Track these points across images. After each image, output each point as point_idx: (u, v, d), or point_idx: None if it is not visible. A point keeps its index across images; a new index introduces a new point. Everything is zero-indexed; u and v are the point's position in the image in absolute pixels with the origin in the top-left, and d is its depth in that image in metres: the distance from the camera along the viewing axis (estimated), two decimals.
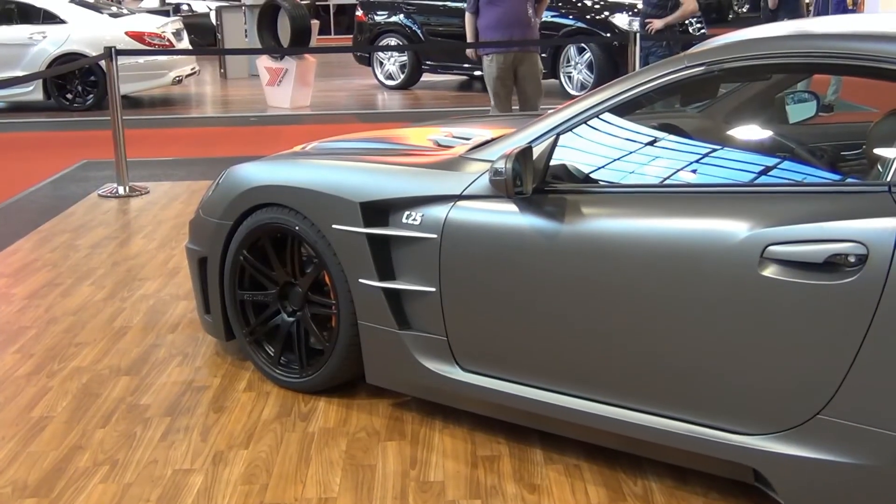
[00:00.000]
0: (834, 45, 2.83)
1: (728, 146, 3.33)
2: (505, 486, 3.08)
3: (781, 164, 3.11)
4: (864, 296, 2.46)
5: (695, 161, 3.22)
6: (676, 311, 2.80)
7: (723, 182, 3.02)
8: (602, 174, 3.16)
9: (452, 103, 12.99)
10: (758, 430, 2.71)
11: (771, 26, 3.51)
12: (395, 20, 14.26)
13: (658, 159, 3.25)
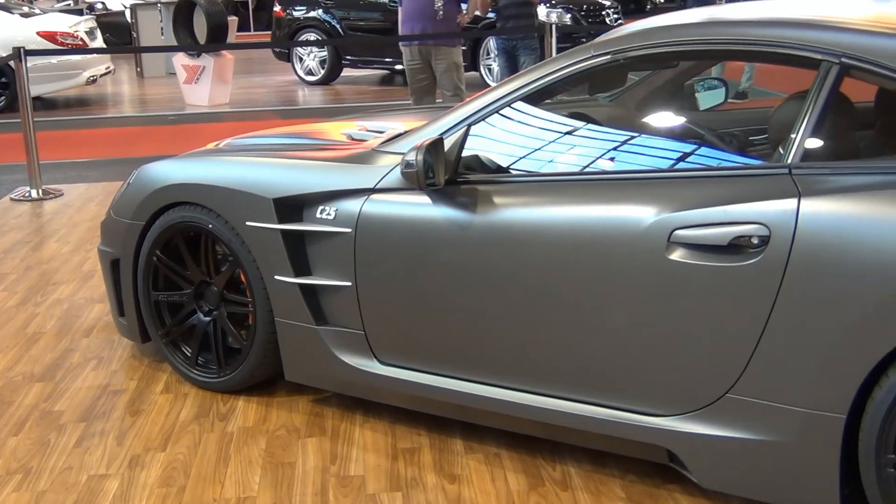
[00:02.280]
0: (734, 31, 2.90)
1: (638, 133, 3.37)
2: (425, 478, 3.09)
3: (689, 150, 3.16)
4: (768, 276, 2.53)
5: (605, 149, 3.26)
6: (589, 298, 2.84)
7: (631, 169, 3.07)
8: (514, 164, 3.19)
9: (374, 98, 12.96)
10: (670, 411, 2.76)
11: (677, 14, 3.57)
12: (314, 15, 14.16)
13: (569, 148, 3.29)
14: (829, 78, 2.63)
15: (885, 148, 3.00)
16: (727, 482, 2.75)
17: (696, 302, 2.65)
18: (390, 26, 12.71)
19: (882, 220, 2.40)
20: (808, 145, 2.62)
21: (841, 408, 2.47)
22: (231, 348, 3.69)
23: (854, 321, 2.42)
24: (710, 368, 2.67)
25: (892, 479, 2.45)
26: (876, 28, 2.73)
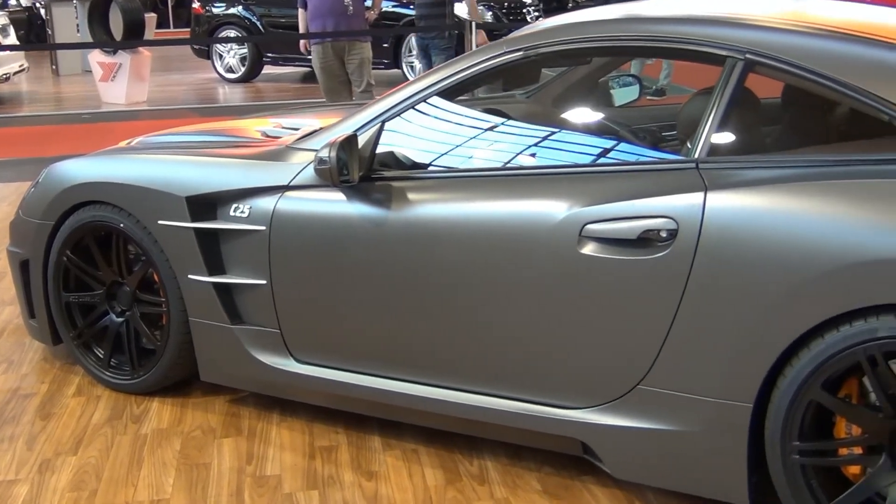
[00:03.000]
0: (643, 28, 2.94)
1: (552, 130, 3.39)
2: (343, 475, 3.08)
3: (602, 146, 3.20)
4: (676, 269, 2.57)
5: (519, 145, 3.28)
6: (502, 293, 2.85)
7: (544, 164, 3.09)
8: (429, 160, 3.19)
9: (295, 95, 12.85)
10: (583, 403, 2.80)
11: (591, 10, 3.60)
12: (234, 12, 14.01)
13: (484, 144, 3.30)
14: (735, 74, 2.69)
15: (790, 142, 3.07)
16: (640, 472, 2.79)
17: (607, 295, 2.68)
18: None
19: (785, 213, 2.45)
20: (715, 140, 2.67)
21: (747, 397, 2.53)
22: (145, 349, 3.63)
23: (759, 312, 2.47)
24: (621, 361, 2.71)
25: (798, 465, 2.51)
26: (780, 25, 2.79)
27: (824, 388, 2.45)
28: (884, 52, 2.59)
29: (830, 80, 2.57)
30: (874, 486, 2.48)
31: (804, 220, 2.42)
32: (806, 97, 2.86)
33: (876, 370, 2.39)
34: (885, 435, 2.45)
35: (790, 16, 2.95)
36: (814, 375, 2.43)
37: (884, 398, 2.42)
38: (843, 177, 2.47)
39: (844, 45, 2.63)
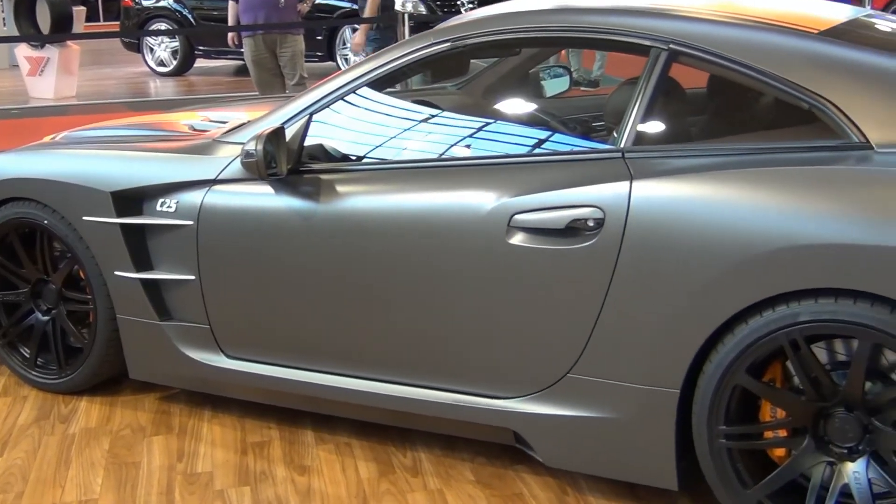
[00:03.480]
0: (569, 19, 2.95)
1: (481, 120, 3.40)
2: (275, 471, 3.06)
3: (531, 136, 3.21)
4: (603, 258, 2.59)
5: (449, 136, 3.28)
6: (433, 284, 2.85)
7: (474, 155, 3.09)
8: (359, 152, 3.18)
9: (228, 89, 12.70)
10: (514, 393, 2.81)
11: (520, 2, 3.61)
12: (164, 5, 13.78)
13: (414, 136, 3.30)
14: (659, 64, 2.71)
15: (714, 131, 3.10)
16: (571, 460, 2.81)
17: (535, 285, 2.69)
18: None
19: (709, 201, 2.48)
20: (640, 129, 2.69)
21: (674, 383, 2.56)
22: (72, 348, 3.57)
23: (685, 299, 2.50)
24: (551, 350, 2.72)
25: (724, 449, 2.55)
26: (704, 15, 2.83)
27: (749, 372, 2.49)
28: (802, 42, 2.63)
29: (752, 69, 2.61)
30: (799, 468, 2.53)
31: (727, 208, 2.45)
32: (729, 86, 2.90)
33: (798, 354, 2.43)
34: (809, 417, 2.50)
35: (712, 6, 2.98)
36: (738, 360, 2.47)
37: (806, 381, 2.46)
38: (765, 164, 2.51)
39: (765, 35, 2.67)
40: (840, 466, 2.50)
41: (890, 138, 2.43)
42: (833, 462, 2.51)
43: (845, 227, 2.31)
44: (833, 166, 2.43)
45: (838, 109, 2.49)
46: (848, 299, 2.33)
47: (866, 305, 2.31)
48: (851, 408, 2.46)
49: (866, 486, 2.46)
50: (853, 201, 2.33)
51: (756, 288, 2.41)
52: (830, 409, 2.48)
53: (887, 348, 2.37)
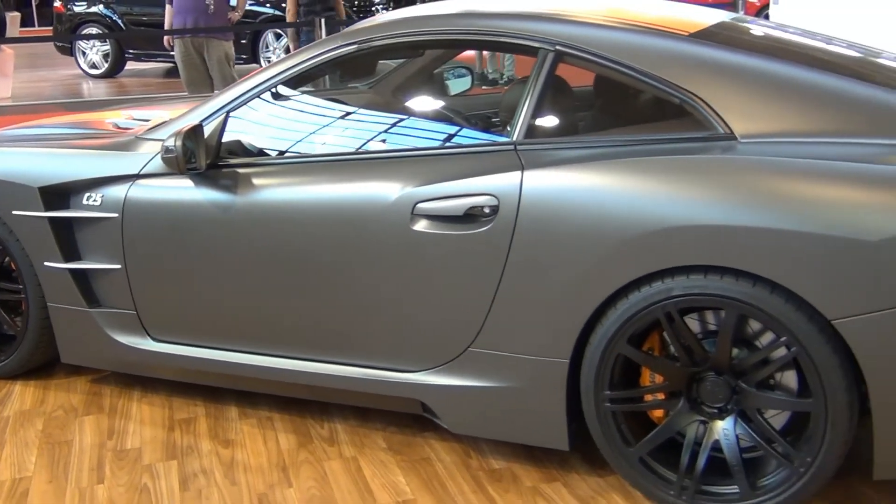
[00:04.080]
0: (465, 22, 2.93)
1: (388, 117, 3.38)
2: (201, 445, 3.02)
3: (434, 131, 3.21)
4: (498, 241, 2.60)
5: (358, 131, 3.26)
6: (345, 269, 2.83)
7: (381, 149, 3.07)
8: (275, 147, 3.13)
9: (158, 89, 12.42)
10: (420, 367, 2.81)
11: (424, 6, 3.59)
12: (95, 10, 13.42)
13: (326, 131, 3.27)
14: (546, 64, 2.73)
15: (598, 124, 3.14)
16: (473, 426, 2.82)
17: (438, 267, 2.69)
18: None
19: (593, 188, 2.50)
20: (530, 124, 2.70)
21: (564, 354, 2.58)
22: (5, 335, 3.46)
23: (571, 278, 2.52)
24: (453, 326, 2.72)
25: (609, 412, 2.59)
26: (587, 20, 2.84)
27: (630, 342, 2.53)
28: (673, 43, 2.66)
29: (630, 68, 2.64)
30: (675, 426, 2.59)
31: (609, 195, 2.47)
32: (610, 84, 2.94)
33: (673, 325, 2.48)
34: (683, 382, 2.55)
35: (597, 11, 3.00)
36: (620, 332, 2.50)
37: (680, 349, 2.51)
38: (642, 155, 2.53)
39: (641, 37, 2.70)
40: (711, 424, 2.56)
41: (751, 130, 2.49)
42: (705, 421, 2.57)
43: (713, 211, 2.35)
44: (701, 155, 2.46)
45: (706, 104, 2.54)
46: (716, 275, 2.38)
47: (732, 280, 2.37)
48: (720, 372, 2.52)
49: (734, 441, 2.53)
50: (719, 187, 2.37)
51: (634, 266, 2.44)
52: (702, 374, 2.54)
53: (751, 318, 2.43)
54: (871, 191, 2.28)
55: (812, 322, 2.31)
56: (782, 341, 2.37)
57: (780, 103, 2.51)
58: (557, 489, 2.74)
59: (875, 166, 2.32)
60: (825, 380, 2.34)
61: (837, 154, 2.38)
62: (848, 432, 2.37)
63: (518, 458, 2.90)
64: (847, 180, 2.31)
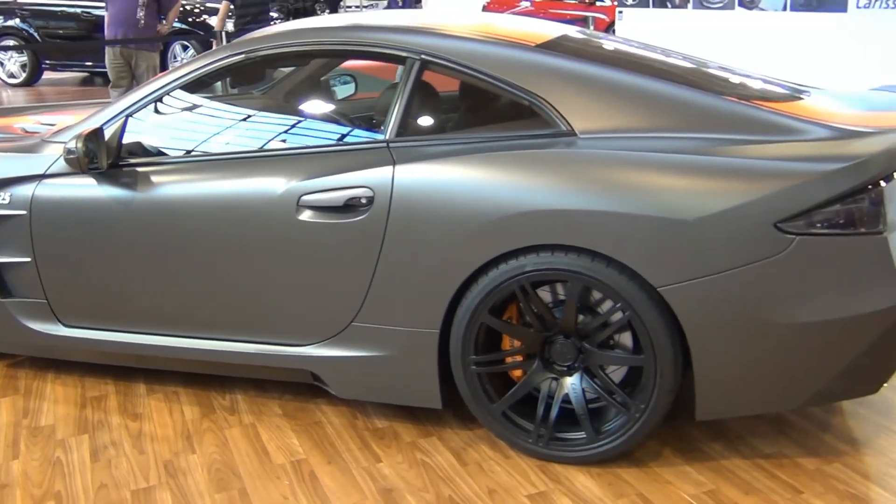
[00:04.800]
0: (342, 35, 2.91)
1: (278, 119, 3.32)
2: (111, 419, 2.92)
3: (318, 131, 3.17)
4: (374, 228, 2.59)
5: (250, 133, 3.18)
6: (238, 256, 2.78)
7: (270, 148, 3.02)
8: (172, 148, 3.04)
9: (74, 97, 11.88)
10: (310, 341, 2.79)
11: (308, 20, 3.53)
12: (12, 24, 12.76)
13: (220, 133, 3.18)
14: (413, 71, 2.73)
15: (461, 124, 3.15)
16: (358, 391, 2.82)
17: (322, 252, 2.67)
18: (85, 34, 11.84)
19: (455, 179, 2.52)
20: (401, 124, 2.70)
21: (435, 324, 2.60)
22: None
23: (438, 259, 2.54)
24: (337, 304, 2.71)
25: (475, 374, 2.63)
26: (449, 32, 2.85)
27: (491, 313, 2.56)
28: (522, 53, 2.70)
29: (486, 74, 2.67)
30: (531, 384, 2.64)
31: (469, 185, 2.49)
32: (470, 89, 2.96)
33: (527, 297, 2.52)
34: (537, 345, 2.61)
35: (459, 25, 3.01)
36: (482, 304, 2.54)
37: (534, 318, 2.56)
38: (497, 150, 2.56)
39: (494, 48, 2.72)
40: (561, 380, 2.63)
41: (589, 127, 2.54)
42: (556, 377, 2.63)
43: (557, 197, 2.40)
44: (547, 150, 2.51)
45: (550, 105, 2.58)
46: (561, 252, 2.43)
47: (574, 256, 2.42)
48: (568, 335, 2.58)
49: (581, 394, 2.60)
50: (562, 177, 2.42)
51: (492, 247, 2.47)
52: (553, 338, 2.60)
53: (592, 288, 2.49)
54: (688, 177, 2.37)
55: (642, 290, 2.39)
56: (618, 307, 2.44)
57: (614, 104, 2.58)
58: (433, 443, 2.77)
59: (692, 156, 2.41)
60: (654, 339, 2.42)
61: (662, 147, 2.46)
62: (674, 382, 2.47)
63: (399, 417, 2.91)
64: (669, 169, 2.39)
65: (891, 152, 2.36)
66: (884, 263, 2.31)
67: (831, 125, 2.48)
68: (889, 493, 2.48)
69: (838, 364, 2.38)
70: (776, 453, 2.68)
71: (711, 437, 2.77)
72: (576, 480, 2.55)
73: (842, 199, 2.28)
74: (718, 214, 2.29)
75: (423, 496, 2.49)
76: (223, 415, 2.95)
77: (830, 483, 2.52)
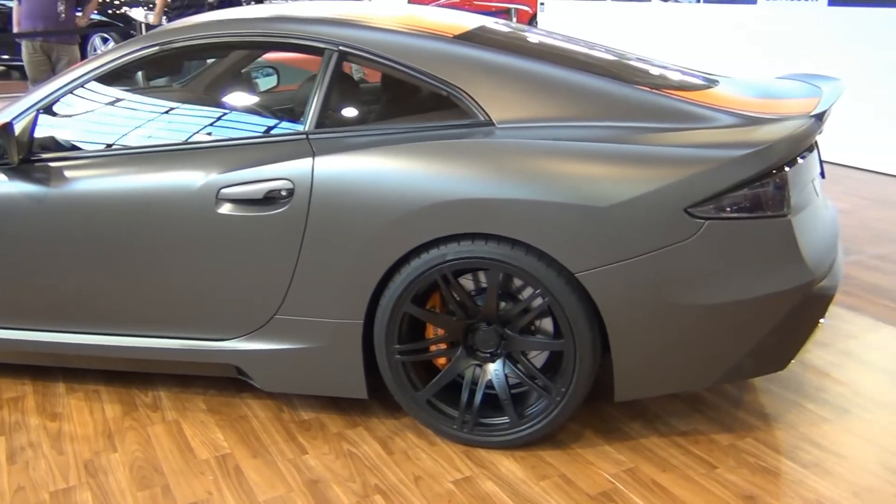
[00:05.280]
0: (259, 26, 2.85)
1: (197, 111, 3.25)
2: (28, 420, 2.83)
3: (237, 123, 3.11)
4: (295, 220, 2.57)
5: (168, 125, 3.10)
6: (157, 251, 2.72)
7: (188, 140, 2.95)
8: (87, 142, 2.95)
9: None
10: (233, 335, 2.75)
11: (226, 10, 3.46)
12: None
13: (136, 126, 3.10)
14: (332, 62, 2.71)
15: (380, 115, 3.14)
16: (283, 384, 2.79)
17: (243, 246, 2.63)
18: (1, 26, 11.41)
19: (376, 170, 2.50)
20: (320, 115, 2.68)
21: (358, 315, 2.59)
22: None
23: (360, 250, 2.52)
24: (260, 297, 2.67)
25: (399, 363, 2.63)
26: (367, 24, 2.83)
27: (414, 302, 2.56)
28: (440, 44, 2.70)
29: (404, 66, 2.66)
30: (455, 370, 2.65)
31: (389, 175, 2.49)
32: (389, 80, 2.94)
33: (449, 286, 2.53)
34: (460, 332, 2.62)
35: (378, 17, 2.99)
36: (405, 294, 2.53)
37: (456, 306, 2.57)
38: (417, 140, 2.56)
39: (412, 39, 2.71)
40: (485, 367, 2.65)
41: (506, 117, 2.56)
42: (479, 364, 2.65)
43: (475, 186, 2.41)
44: (466, 139, 2.51)
45: (468, 96, 2.59)
46: (481, 241, 2.45)
47: (494, 244, 2.44)
48: (490, 322, 2.60)
49: (503, 379, 2.62)
50: (480, 166, 2.43)
51: (413, 236, 2.47)
52: (475, 325, 2.61)
53: (513, 276, 2.51)
54: (602, 165, 2.40)
55: (560, 276, 2.42)
56: (538, 293, 2.47)
57: (531, 94, 2.60)
58: (360, 433, 2.76)
59: (606, 145, 2.45)
60: (573, 323, 2.46)
61: (577, 135, 2.49)
62: (593, 365, 2.51)
63: (325, 408, 2.89)
64: (584, 157, 2.42)
65: (794, 138, 2.43)
66: (789, 245, 2.38)
67: (738, 113, 2.55)
68: (798, 465, 2.57)
69: (748, 343, 2.45)
70: (692, 430, 2.75)
71: (631, 417, 2.82)
72: (500, 465, 2.58)
73: (748, 184, 2.34)
74: (631, 201, 2.34)
75: (350, 486, 2.48)
76: (146, 412, 2.89)
77: (743, 457, 2.60)
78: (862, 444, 2.67)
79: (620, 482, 2.48)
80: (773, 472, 2.53)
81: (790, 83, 3.11)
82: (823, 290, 2.45)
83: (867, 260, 4.42)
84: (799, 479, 2.49)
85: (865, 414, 2.86)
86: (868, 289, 4.00)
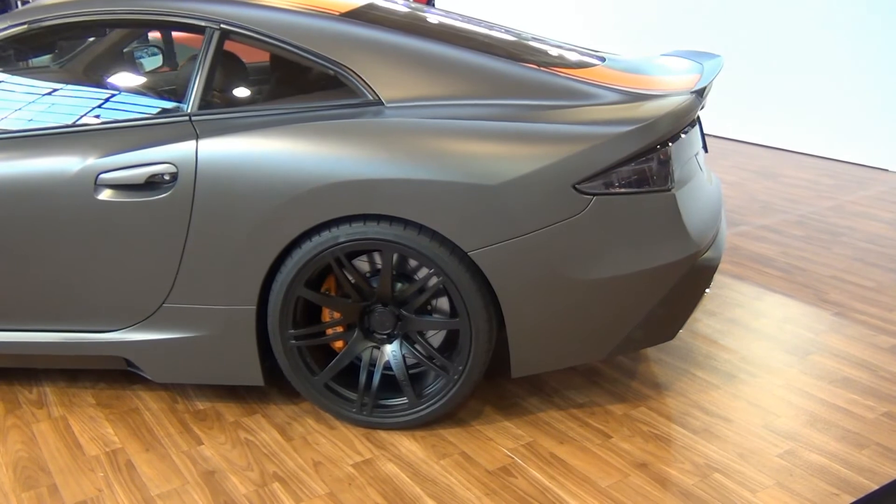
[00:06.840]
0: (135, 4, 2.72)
1: (76, 93, 3.09)
2: None
3: (118, 105, 2.96)
4: (180, 205, 2.47)
5: (45, 108, 2.94)
6: (36, 240, 2.58)
7: (63, 124, 2.80)
8: None
9: None
10: (120, 325, 2.64)
11: None
12: None
13: (12, 109, 2.93)
14: (213, 41, 2.60)
15: (265, 95, 3.04)
16: (175, 374, 2.70)
17: (126, 233, 2.52)
18: None
19: (263, 152, 2.43)
20: (203, 96, 2.58)
21: (250, 301, 2.52)
22: None
23: (249, 234, 2.45)
24: (146, 286, 2.57)
25: (294, 348, 2.57)
26: (251, 1, 2.73)
27: (308, 286, 2.51)
28: (326, 22, 2.63)
29: (289, 44, 2.58)
30: (353, 353, 2.62)
31: (276, 157, 2.42)
32: (275, 59, 2.86)
33: (342, 268, 2.48)
34: (356, 315, 2.58)
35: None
36: (298, 278, 2.48)
37: (351, 288, 2.53)
38: (304, 121, 2.49)
39: (297, 17, 2.63)
40: (382, 348, 2.62)
41: (395, 96, 2.52)
42: (377, 346, 2.62)
43: (365, 166, 2.37)
44: (354, 119, 2.46)
45: (356, 75, 2.54)
46: (373, 222, 2.41)
47: (386, 225, 2.40)
48: (386, 303, 2.57)
49: (401, 360, 2.60)
50: (369, 146, 2.39)
51: (304, 219, 2.41)
52: (371, 307, 2.58)
53: (406, 256, 2.49)
54: (491, 143, 2.39)
55: (453, 255, 2.41)
56: (432, 273, 2.45)
57: (420, 72, 2.56)
58: (257, 420, 2.70)
59: (495, 123, 2.44)
60: (468, 302, 2.45)
61: (466, 114, 2.47)
62: (489, 342, 2.51)
63: (221, 397, 2.81)
64: (473, 136, 2.41)
65: (676, 114, 2.47)
66: (674, 219, 2.43)
67: (623, 89, 2.58)
68: (688, 430, 2.64)
69: (638, 315, 2.50)
70: (588, 402, 2.80)
71: (529, 393, 2.85)
72: (401, 445, 2.56)
73: (633, 160, 2.37)
74: (520, 178, 2.34)
75: (247, 475, 2.42)
76: (30, 409, 2.75)
77: (636, 426, 2.66)
78: (747, 408, 2.77)
79: (519, 456, 2.50)
80: (665, 438, 2.59)
81: (673, 60, 3.16)
82: (707, 261, 2.51)
83: (753, 231, 4.58)
84: (689, 445, 2.56)
85: (751, 379, 2.96)
86: (754, 258, 4.14)
